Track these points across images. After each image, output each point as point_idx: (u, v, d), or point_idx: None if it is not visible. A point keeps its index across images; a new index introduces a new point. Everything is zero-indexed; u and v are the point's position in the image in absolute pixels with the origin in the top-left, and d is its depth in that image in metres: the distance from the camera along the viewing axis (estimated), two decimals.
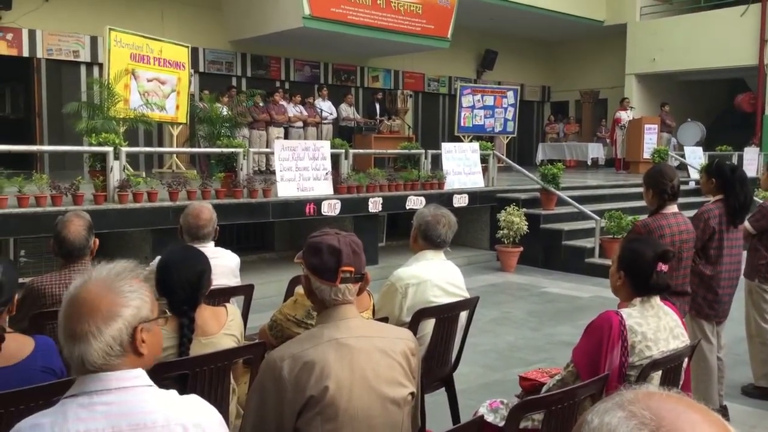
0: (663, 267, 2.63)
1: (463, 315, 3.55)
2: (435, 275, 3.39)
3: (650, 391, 0.95)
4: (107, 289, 1.52)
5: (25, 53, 11.98)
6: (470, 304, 3.55)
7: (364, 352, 1.97)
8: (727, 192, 4.01)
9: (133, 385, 1.51)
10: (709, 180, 4.09)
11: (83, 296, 1.51)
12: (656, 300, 2.67)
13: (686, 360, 2.78)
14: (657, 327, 2.61)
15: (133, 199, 6.71)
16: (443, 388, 3.70)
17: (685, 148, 14.40)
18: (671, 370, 2.68)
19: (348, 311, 2.02)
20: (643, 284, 2.64)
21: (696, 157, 13.64)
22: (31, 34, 11.98)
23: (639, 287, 2.66)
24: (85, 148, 7.37)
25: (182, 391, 2.40)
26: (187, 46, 11.37)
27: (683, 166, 13.40)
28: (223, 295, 3.63)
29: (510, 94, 16.28)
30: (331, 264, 2.00)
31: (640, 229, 3.66)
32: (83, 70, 12.70)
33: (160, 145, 12.64)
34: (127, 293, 1.53)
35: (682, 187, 3.80)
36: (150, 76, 10.46)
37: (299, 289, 3.20)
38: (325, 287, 2.01)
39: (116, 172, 6.72)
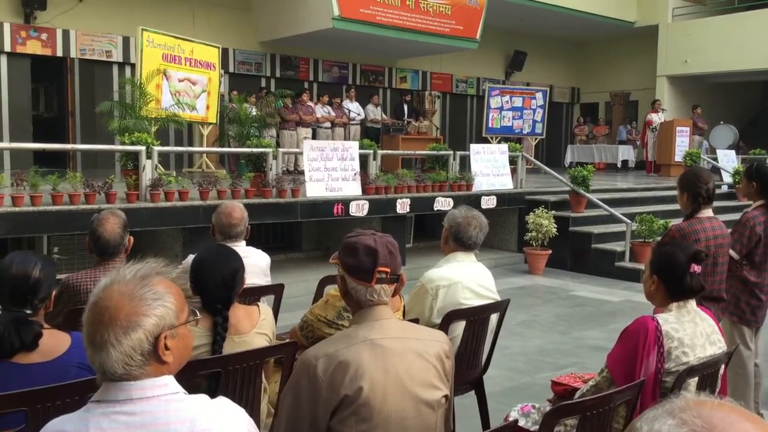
0: (696, 268, 2.60)
1: (494, 317, 3.53)
2: (466, 277, 3.37)
3: (701, 399, 0.93)
4: (129, 297, 1.46)
5: (59, 53, 12.19)
6: (501, 307, 3.52)
7: (398, 353, 1.96)
8: (767, 195, 3.94)
9: (157, 394, 1.46)
10: (749, 183, 3.99)
11: (104, 303, 1.46)
12: (692, 305, 2.63)
13: (723, 366, 2.73)
14: (693, 333, 2.57)
15: (164, 198, 6.78)
16: (472, 391, 3.68)
17: (717, 151, 14.17)
18: (708, 377, 2.63)
19: (383, 312, 2.02)
20: (678, 287, 2.61)
21: (729, 161, 13.43)
22: (65, 34, 12.18)
23: (673, 291, 2.62)
24: (118, 147, 7.47)
25: (214, 389, 2.44)
26: (218, 47, 11.48)
27: (716, 170, 13.18)
28: (254, 294, 3.64)
29: (539, 95, 16.16)
30: (368, 264, 1.99)
31: (675, 234, 3.60)
32: (115, 69, 12.89)
33: (190, 144, 12.78)
34: (150, 301, 1.47)
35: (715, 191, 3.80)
36: (181, 77, 10.57)
37: (330, 290, 3.20)
38: (360, 287, 2.00)
39: (148, 171, 6.79)
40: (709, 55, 17.15)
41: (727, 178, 12.65)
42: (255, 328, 2.67)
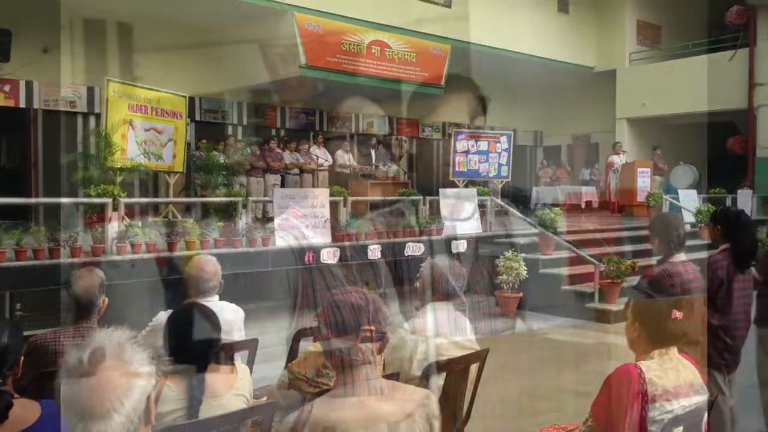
0: (678, 315, 2.61)
1: (473, 368, 3.49)
2: (444, 327, 3.33)
3: None
4: (120, 360, 1.46)
5: (22, 104, 12.03)
6: (481, 357, 3.49)
7: (384, 415, 1.91)
8: (732, 238, 4.01)
9: None
10: (714, 227, 4.09)
11: (98, 372, 1.43)
12: (674, 352, 2.64)
13: (705, 415, 2.72)
14: (677, 380, 2.56)
15: (131, 250, 6.64)
16: None
17: (679, 191, 14.47)
18: (692, 426, 2.62)
19: (368, 372, 1.97)
20: (659, 334, 2.61)
21: (690, 200, 13.69)
22: (28, 85, 12.06)
23: (655, 337, 2.63)
24: (84, 200, 7.33)
25: None
26: (184, 96, 11.44)
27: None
28: (228, 350, 3.54)
29: (503, 138, 16.38)
30: (352, 323, 1.95)
31: (651, 279, 3.63)
32: (80, 120, 12.74)
33: (156, 192, 12.61)
34: (139, 362, 1.48)
35: None
36: (147, 126, 10.49)
37: (308, 347, 3.13)
38: (345, 347, 1.96)
39: (114, 223, 6.66)
40: (665, 97, 17.66)
41: (689, 218, 12.86)
42: (232, 389, 2.59)
